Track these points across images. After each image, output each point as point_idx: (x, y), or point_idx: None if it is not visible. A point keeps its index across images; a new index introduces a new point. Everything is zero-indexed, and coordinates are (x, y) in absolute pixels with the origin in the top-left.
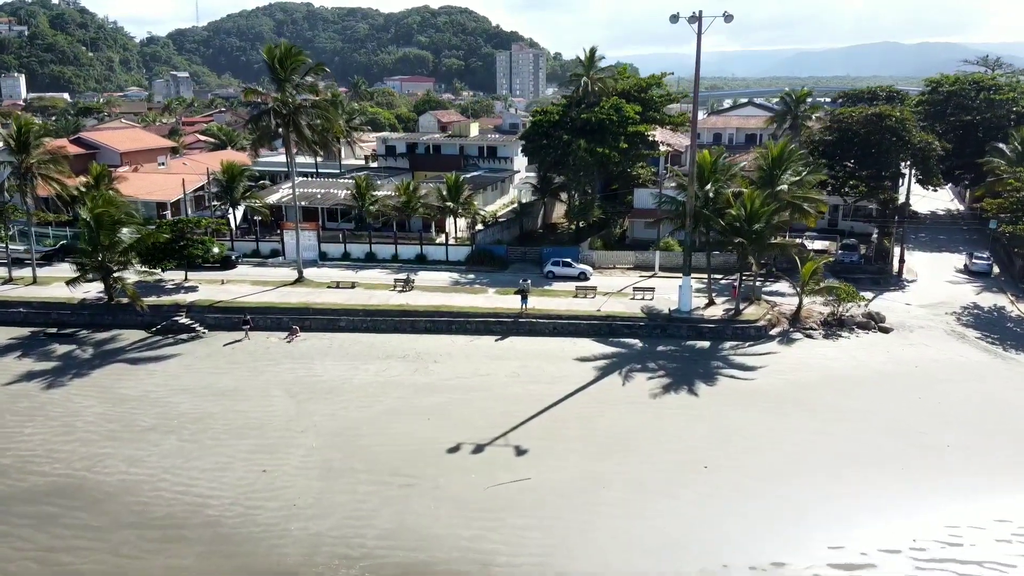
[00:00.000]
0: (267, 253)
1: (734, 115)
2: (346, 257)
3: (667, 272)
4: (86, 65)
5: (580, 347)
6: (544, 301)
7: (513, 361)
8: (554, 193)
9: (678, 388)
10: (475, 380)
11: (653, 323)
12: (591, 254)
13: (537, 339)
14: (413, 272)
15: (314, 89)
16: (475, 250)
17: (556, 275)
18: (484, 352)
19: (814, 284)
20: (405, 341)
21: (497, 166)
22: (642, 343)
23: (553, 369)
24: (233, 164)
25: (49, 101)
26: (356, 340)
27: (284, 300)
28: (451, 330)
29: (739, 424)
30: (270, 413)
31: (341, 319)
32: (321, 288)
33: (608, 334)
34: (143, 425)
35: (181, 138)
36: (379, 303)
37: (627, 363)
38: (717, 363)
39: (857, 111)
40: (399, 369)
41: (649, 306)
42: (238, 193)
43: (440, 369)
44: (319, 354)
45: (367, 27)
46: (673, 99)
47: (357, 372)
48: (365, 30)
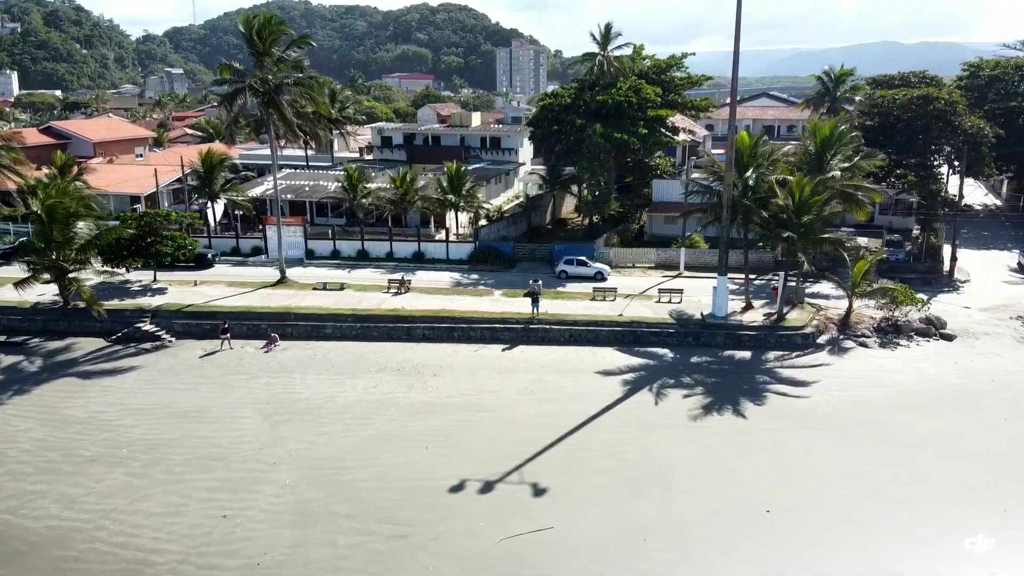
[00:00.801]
0: (248, 251)
1: (750, 106)
2: (335, 256)
3: (693, 271)
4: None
5: (601, 358)
6: (558, 304)
7: (524, 375)
8: (564, 186)
9: (721, 408)
10: (481, 398)
11: (684, 330)
12: (608, 252)
13: (551, 348)
14: (410, 272)
15: (298, 65)
16: (478, 248)
17: (569, 275)
18: (491, 364)
19: (866, 285)
20: (400, 351)
21: (501, 158)
22: (673, 353)
23: (571, 385)
24: (212, 153)
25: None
26: (343, 350)
27: (263, 304)
28: (452, 338)
29: (798, 453)
30: (238, 440)
31: (327, 325)
32: (305, 290)
33: (633, 342)
34: (86, 455)
35: (166, 132)
36: (370, 307)
37: (658, 377)
38: (763, 377)
39: (899, 94)
40: (392, 385)
41: (678, 310)
42: (217, 185)
43: (440, 385)
44: (300, 366)
45: (365, 25)
46: (695, 82)
47: (343, 388)
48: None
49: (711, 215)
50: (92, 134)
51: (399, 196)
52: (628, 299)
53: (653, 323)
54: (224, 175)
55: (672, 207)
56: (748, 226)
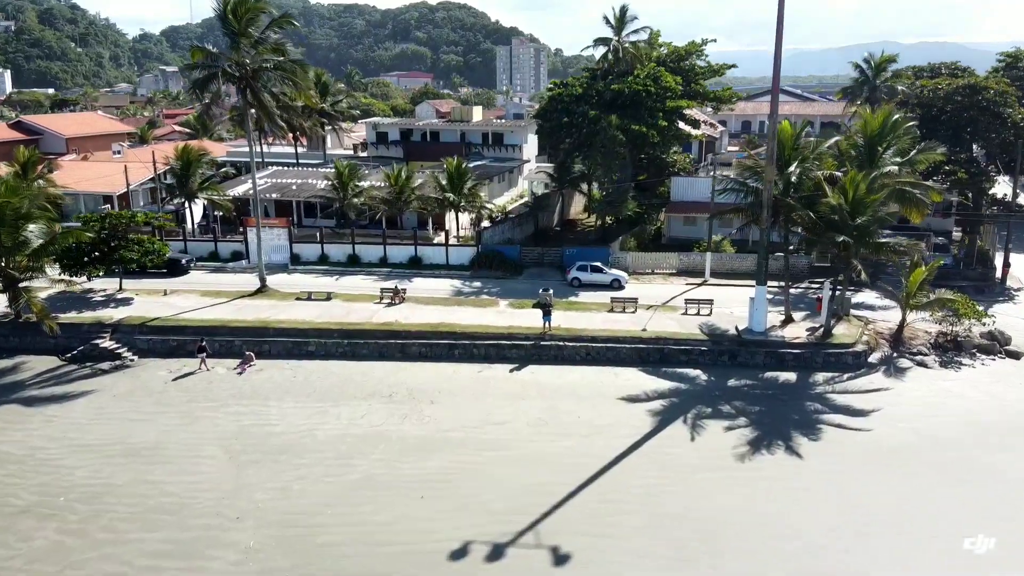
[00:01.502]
0: (228, 256)
1: (764, 101)
2: (323, 261)
3: (719, 279)
4: (74, 61)
5: (624, 380)
6: (572, 317)
7: (536, 402)
8: (574, 184)
9: (771, 444)
10: (486, 432)
11: (718, 347)
12: (625, 256)
13: (565, 368)
14: (405, 279)
15: (279, 48)
16: (481, 252)
17: (583, 283)
18: (497, 388)
19: (923, 296)
20: (392, 372)
21: (504, 155)
22: (706, 375)
23: (592, 414)
24: (189, 148)
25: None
26: (327, 371)
27: (238, 316)
28: (453, 356)
29: (871, 502)
30: (196, 486)
31: (310, 342)
32: (288, 300)
33: (659, 362)
34: (17, 504)
35: (150, 129)
36: (360, 320)
37: (692, 404)
38: (814, 404)
39: (943, 83)
40: (382, 414)
41: (709, 324)
42: (195, 184)
43: (438, 414)
44: (277, 391)
45: (364, 23)
46: (716, 71)
47: (325, 419)
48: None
49: (747, 216)
50: (65, 129)
51: (394, 195)
52: (651, 311)
53: (682, 339)
54: (202, 172)
55: (692, 207)
56: (790, 228)
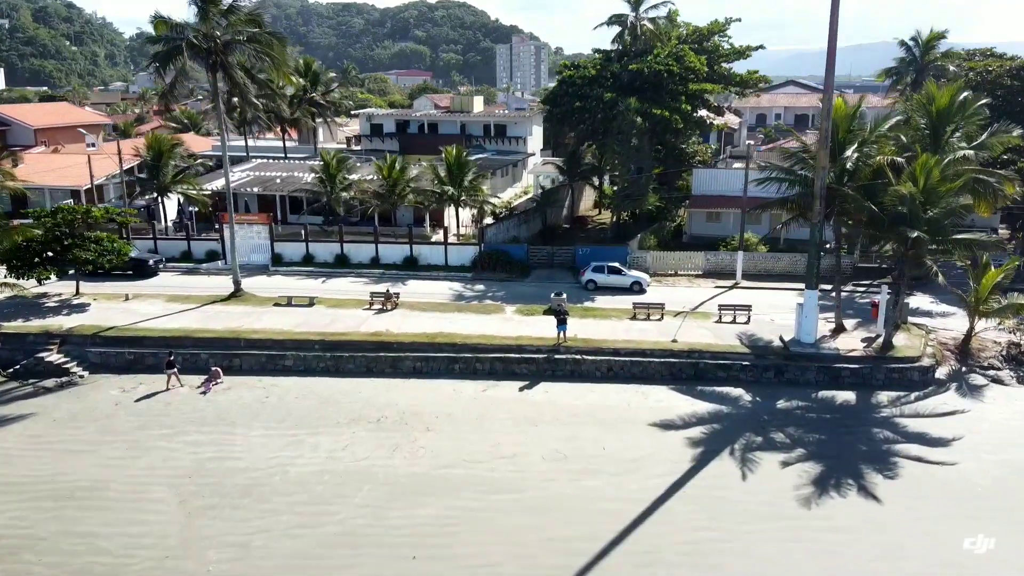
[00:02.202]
0: (202, 256)
1: (780, 93)
2: (308, 261)
3: (751, 281)
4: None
5: (655, 402)
6: (589, 326)
7: (552, 428)
8: (585, 176)
9: (840, 483)
10: (493, 468)
11: (763, 362)
12: (644, 256)
13: (584, 387)
14: (399, 282)
15: (254, 19)
16: (484, 251)
17: (599, 286)
18: (505, 411)
19: (994, 302)
20: (382, 391)
21: (507, 148)
22: (750, 394)
23: (618, 444)
24: (160, 137)
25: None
26: (306, 389)
27: (205, 325)
28: (452, 372)
29: (975, 565)
30: (137, 542)
31: (286, 356)
32: (264, 306)
33: (693, 378)
34: None
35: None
36: (345, 329)
37: (738, 432)
38: (884, 432)
39: (994, 64)
40: (369, 445)
41: (748, 334)
42: (167, 176)
43: (435, 444)
44: (245, 415)
45: (362, 22)
46: (741, 53)
47: (299, 451)
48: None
49: (794, 209)
50: (34, 120)
51: (387, 188)
52: (679, 318)
53: (719, 352)
54: (175, 164)
55: (717, 202)
56: (843, 222)
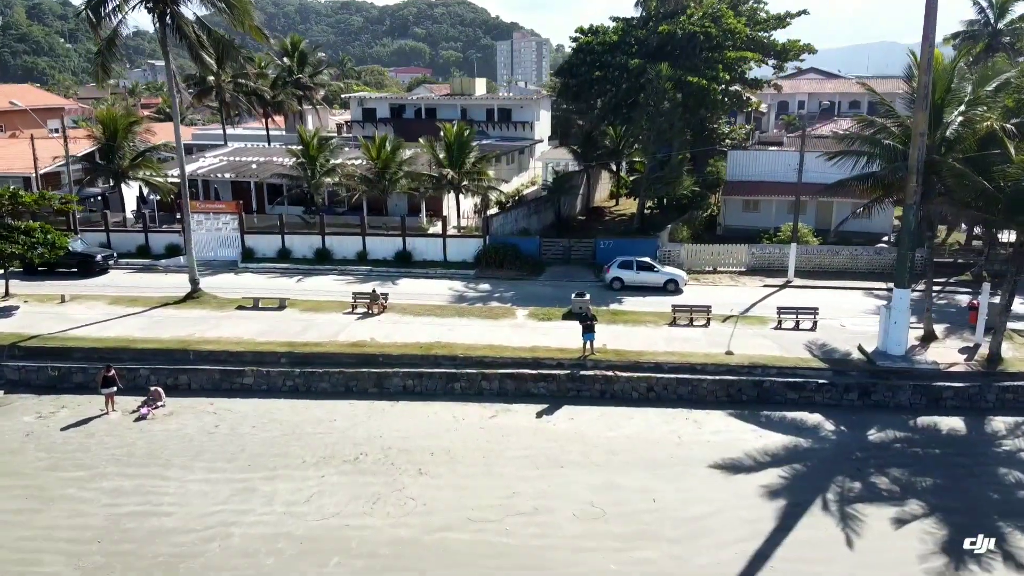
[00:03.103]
0: (161, 251)
1: (803, 79)
2: (285, 257)
3: (805, 279)
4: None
5: (711, 433)
6: (620, 334)
7: (583, 471)
8: (602, 161)
9: (983, 552)
10: (508, 530)
11: (843, 379)
12: (677, 250)
13: (619, 412)
14: (390, 280)
15: None
16: (489, 245)
17: (626, 284)
18: (520, 445)
19: None
20: (363, 418)
21: (512, 134)
22: (832, 422)
23: (673, 495)
24: (114, 114)
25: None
26: (267, 416)
27: (150, 334)
28: (452, 392)
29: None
30: None
31: (245, 371)
32: (225, 310)
33: (757, 401)
34: None
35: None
36: (320, 339)
37: (827, 475)
38: (1014, 473)
39: None
40: (342, 495)
41: (819, 343)
42: (125, 160)
43: (430, 494)
44: (185, 451)
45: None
46: (783, 20)
47: (249, 504)
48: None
49: (878, 189)
50: None
51: (376, 172)
52: (729, 323)
53: (788, 367)
54: (134, 145)
55: (757, 188)
56: (942, 203)
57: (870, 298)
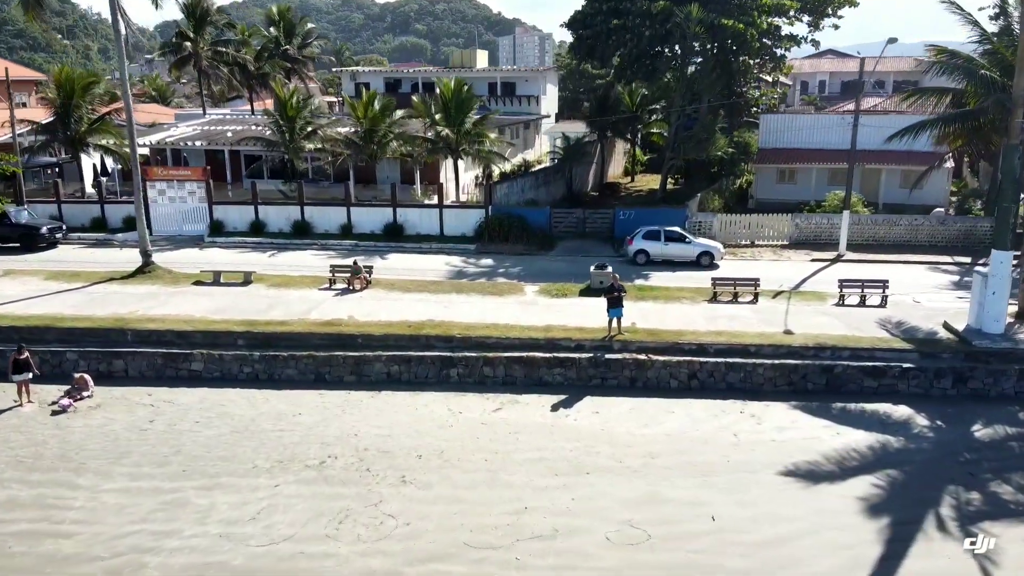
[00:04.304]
0: (118, 224)
1: (825, 59)
2: (258, 230)
3: (857, 253)
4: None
5: (775, 429)
6: (651, 311)
7: (616, 479)
8: (618, 130)
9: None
10: (520, 561)
11: (932, 363)
12: (710, 221)
13: (655, 404)
14: (378, 255)
15: None
16: (492, 216)
17: (651, 258)
18: (532, 446)
19: None
20: (336, 412)
21: (517, 108)
22: (923, 415)
23: (736, 510)
24: (71, 72)
25: None
26: (217, 409)
27: (85, 311)
28: (447, 381)
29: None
30: None
31: (194, 355)
32: (180, 285)
33: (826, 389)
34: None
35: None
36: (287, 316)
37: (933, 484)
38: None
39: None
40: (298, 511)
41: (894, 321)
42: (82, 126)
43: (416, 510)
44: (107, 451)
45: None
46: None
47: (176, 522)
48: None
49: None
50: None
51: (363, 136)
52: (780, 299)
53: (861, 349)
54: (92, 109)
55: (794, 155)
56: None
57: (937, 273)
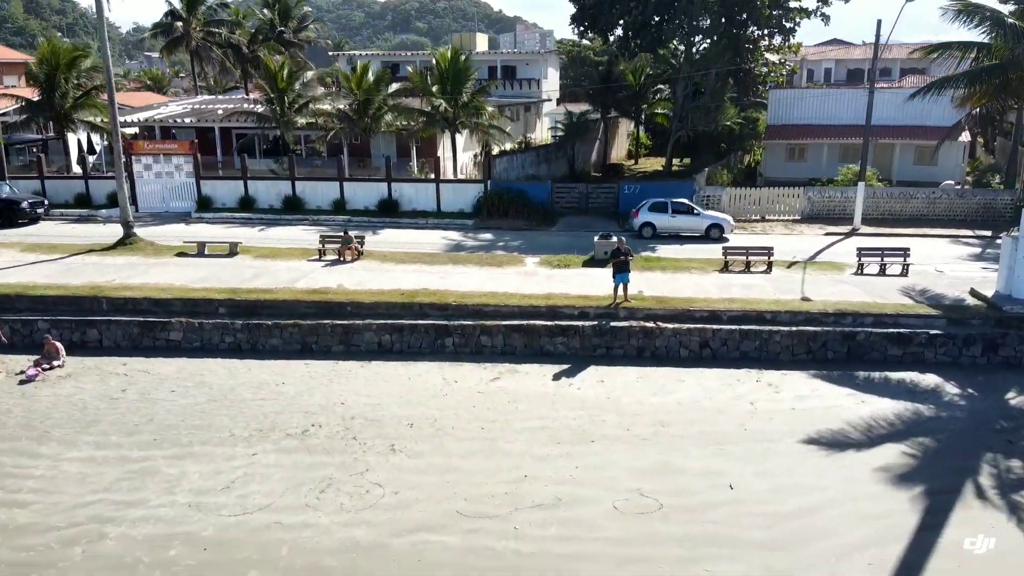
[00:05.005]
0: (103, 200)
1: (832, 48)
2: (247, 205)
3: (873, 227)
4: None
5: (794, 398)
6: (659, 281)
7: (623, 447)
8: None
9: None
10: (519, 531)
11: (960, 330)
12: (719, 195)
13: (665, 374)
14: (371, 230)
15: None
16: (492, 190)
17: (658, 231)
18: (533, 414)
19: None
20: (321, 381)
21: (517, 92)
22: (953, 384)
23: (756, 480)
24: (56, 46)
25: None
26: (194, 379)
27: (60, 280)
28: (443, 351)
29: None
30: None
31: (171, 323)
32: (162, 256)
33: (847, 358)
34: None
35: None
36: (272, 284)
37: (969, 452)
38: None
39: None
40: (276, 480)
41: (920, 289)
42: (68, 100)
43: (405, 479)
44: (73, 421)
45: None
46: None
47: (142, 491)
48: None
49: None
50: None
51: (357, 107)
52: (795, 269)
53: (885, 315)
54: (78, 84)
55: (804, 131)
56: None
57: (958, 245)
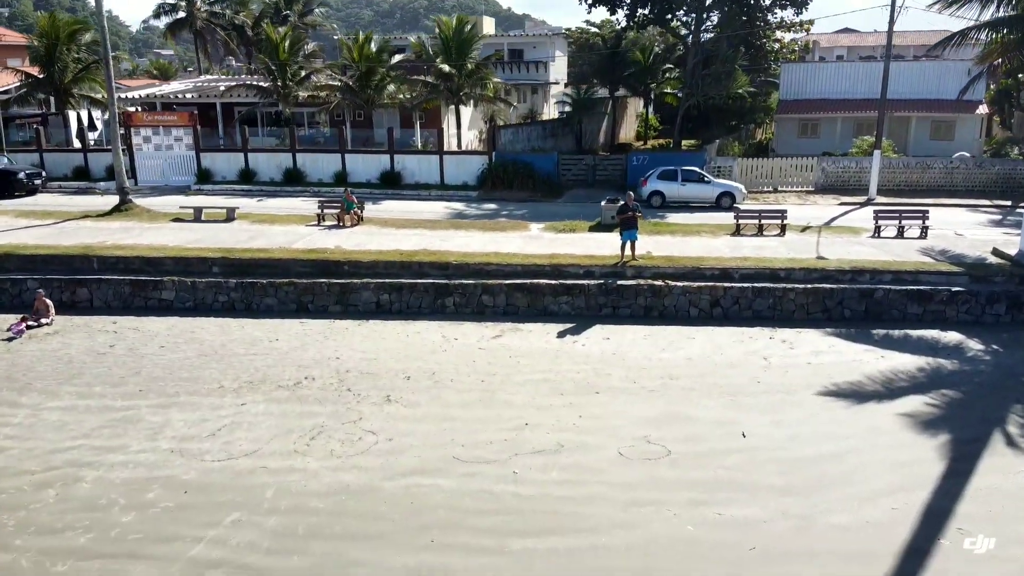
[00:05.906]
0: (101, 173)
1: (844, 35)
2: (247, 178)
3: (889, 197)
4: None
5: (811, 353)
6: (668, 243)
7: (629, 398)
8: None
9: None
10: (518, 474)
11: (983, 288)
12: (730, 165)
13: (674, 332)
14: (372, 201)
15: None
16: (496, 161)
17: (667, 200)
18: (536, 369)
19: None
20: (316, 338)
21: (524, 75)
22: (976, 340)
23: (771, 428)
24: (57, 19)
25: None
26: (185, 335)
27: (50, 241)
28: (443, 310)
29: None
30: None
31: (164, 282)
32: (157, 222)
33: (865, 316)
34: None
35: None
36: (269, 245)
37: (993, 402)
38: None
39: None
40: (266, 427)
41: (940, 249)
42: (68, 74)
43: (400, 427)
44: (56, 373)
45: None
46: None
47: (123, 438)
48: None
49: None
50: None
51: (358, 79)
52: (810, 233)
53: (905, 271)
54: (78, 58)
55: (817, 106)
56: None
57: (977, 213)
